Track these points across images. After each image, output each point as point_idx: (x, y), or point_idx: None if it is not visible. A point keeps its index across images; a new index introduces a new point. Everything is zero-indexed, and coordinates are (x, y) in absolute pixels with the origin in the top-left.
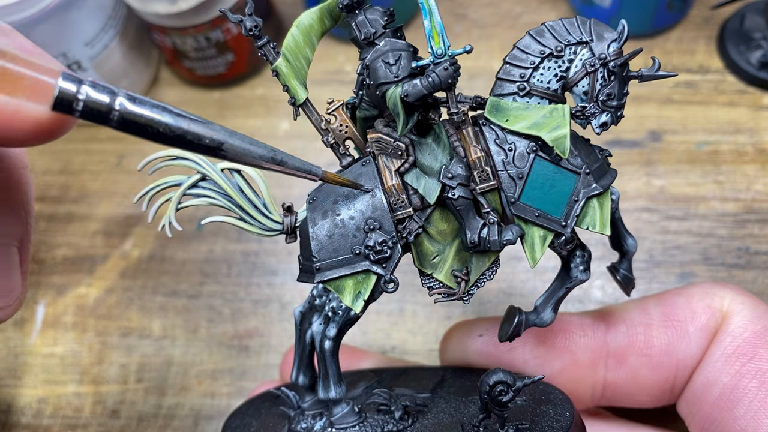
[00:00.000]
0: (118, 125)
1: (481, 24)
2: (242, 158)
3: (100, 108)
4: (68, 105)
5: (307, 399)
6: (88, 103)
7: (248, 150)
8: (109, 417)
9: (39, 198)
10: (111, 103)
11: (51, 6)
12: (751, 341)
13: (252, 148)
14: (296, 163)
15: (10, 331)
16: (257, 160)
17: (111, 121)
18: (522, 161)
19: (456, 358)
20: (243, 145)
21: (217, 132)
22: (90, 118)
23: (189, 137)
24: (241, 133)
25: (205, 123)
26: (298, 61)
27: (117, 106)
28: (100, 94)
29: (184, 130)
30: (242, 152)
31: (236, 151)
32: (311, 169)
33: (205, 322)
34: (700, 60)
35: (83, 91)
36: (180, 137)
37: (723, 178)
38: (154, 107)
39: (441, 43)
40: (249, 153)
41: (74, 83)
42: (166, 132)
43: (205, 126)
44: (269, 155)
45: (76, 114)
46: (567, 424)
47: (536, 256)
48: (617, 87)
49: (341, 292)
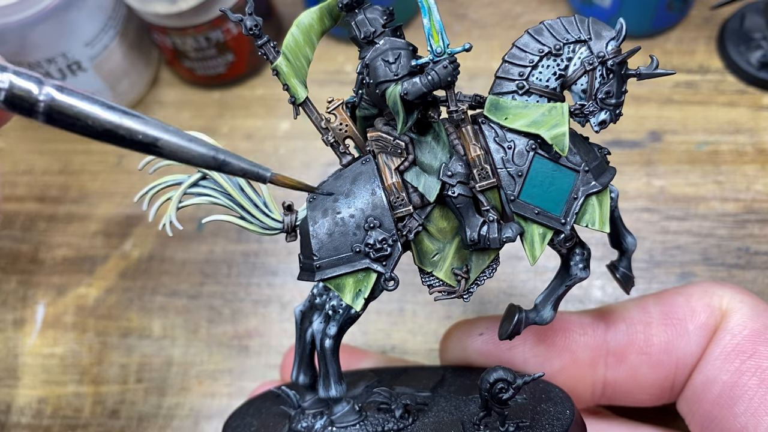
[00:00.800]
0: (45, 117)
1: (481, 24)
2: (179, 155)
3: (25, 97)
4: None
5: (308, 398)
6: (12, 92)
7: (186, 147)
8: (109, 417)
9: (39, 198)
10: (37, 92)
11: (51, 6)
12: (751, 339)
13: (191, 146)
14: (242, 164)
15: (10, 331)
16: (197, 159)
17: (37, 112)
18: (521, 159)
19: (456, 357)
20: (180, 143)
21: (153, 128)
22: (15, 109)
23: (121, 132)
24: (181, 131)
25: (140, 118)
26: (298, 61)
27: (43, 96)
28: (25, 82)
29: (116, 124)
30: (179, 149)
31: (172, 148)
32: (259, 172)
33: (205, 323)
34: (700, 60)
35: (5, 78)
36: (110, 132)
37: (723, 178)
38: (84, 99)
39: (440, 42)
40: (187, 150)
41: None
42: (96, 125)
43: (140, 121)
44: (210, 154)
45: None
46: (567, 422)
47: (536, 254)
48: (616, 85)
49: (341, 290)
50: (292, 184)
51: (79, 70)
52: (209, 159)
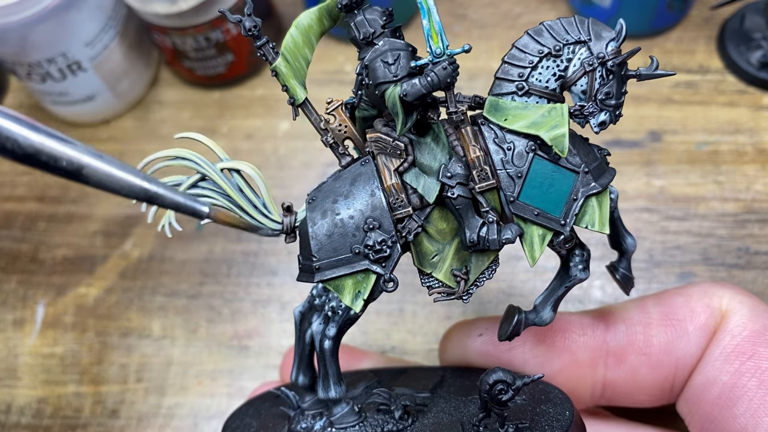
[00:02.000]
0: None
1: (481, 24)
2: (107, 185)
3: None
4: None
5: (307, 399)
6: None
7: (114, 177)
8: (109, 417)
9: (39, 198)
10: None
11: (51, 6)
12: (751, 340)
13: (120, 175)
14: (177, 198)
15: (10, 331)
16: (125, 190)
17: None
18: (521, 160)
19: (456, 357)
20: (109, 171)
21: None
22: None
23: (43, 157)
24: (113, 159)
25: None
26: (297, 61)
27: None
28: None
29: (36, 149)
30: (107, 179)
31: (99, 177)
32: (195, 207)
33: (204, 322)
34: (700, 60)
35: None
36: (31, 156)
37: (723, 178)
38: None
39: (440, 43)
40: (115, 180)
41: None
42: (15, 148)
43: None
44: (141, 186)
45: None
46: (567, 423)
47: (535, 255)
48: (616, 86)
49: (341, 291)
50: (235, 223)
51: (79, 70)
52: (139, 191)
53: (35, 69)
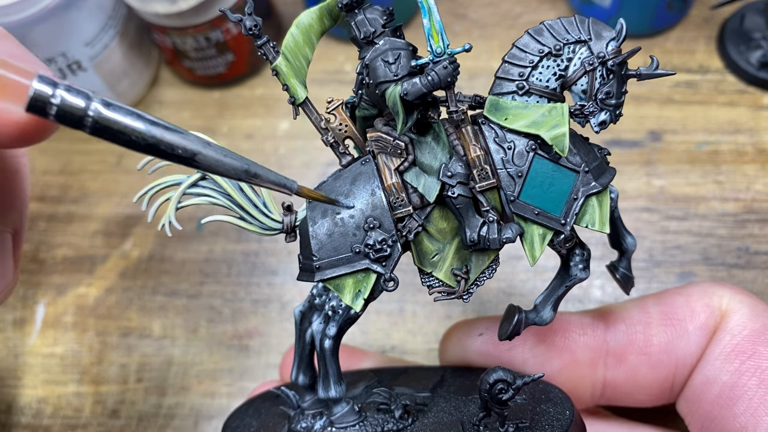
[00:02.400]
0: (92, 130)
1: (481, 24)
2: (216, 169)
3: (75, 112)
4: (42, 108)
5: (307, 398)
6: (63, 107)
7: (222, 161)
8: (109, 417)
9: (39, 198)
10: (86, 107)
11: (51, 6)
12: (750, 339)
13: (226, 160)
14: (271, 176)
15: (10, 331)
16: (231, 172)
17: (85, 125)
18: (521, 159)
19: (456, 357)
20: (217, 156)
21: (191, 142)
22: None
23: (162, 146)
24: (217, 145)
25: (180, 132)
26: (297, 61)
27: (91, 110)
28: (75, 97)
29: (158, 139)
30: (216, 163)
31: (209, 162)
32: (286, 183)
33: (205, 322)
34: (700, 60)
35: (58, 94)
36: (153, 146)
37: (723, 178)
38: (129, 114)
39: (440, 42)
40: (223, 164)
41: (49, 86)
42: (138, 140)
43: (180, 135)
44: (243, 167)
45: (50, 117)
46: (567, 422)
47: (536, 255)
48: (616, 86)
49: (341, 290)
50: (317, 197)
51: (79, 70)
52: (242, 172)
53: None
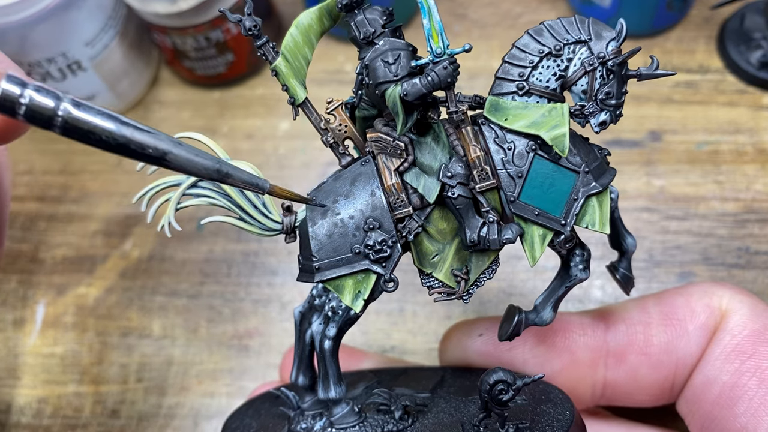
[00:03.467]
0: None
1: (481, 24)
2: (187, 168)
3: (44, 112)
4: (11, 108)
5: (307, 399)
6: (32, 107)
7: (193, 161)
8: (109, 417)
9: (39, 198)
10: (55, 107)
11: (51, 6)
12: (751, 339)
13: (197, 159)
14: (243, 176)
15: (10, 331)
16: (202, 171)
17: (55, 125)
18: (521, 160)
19: (456, 357)
20: (188, 156)
21: (162, 142)
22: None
23: (132, 146)
24: (188, 145)
25: (150, 132)
26: (297, 61)
27: (61, 110)
28: (44, 97)
29: (128, 138)
30: (186, 163)
31: (180, 162)
32: (258, 183)
33: (205, 322)
34: (700, 60)
35: (26, 94)
36: (123, 145)
37: (723, 178)
38: (99, 114)
39: (440, 42)
40: (193, 164)
41: (18, 86)
42: (109, 139)
43: (150, 135)
44: (214, 167)
45: (19, 117)
46: (567, 423)
47: (536, 255)
48: (616, 86)
49: (341, 291)
50: (289, 196)
51: (79, 70)
52: (213, 171)
53: (35, 68)
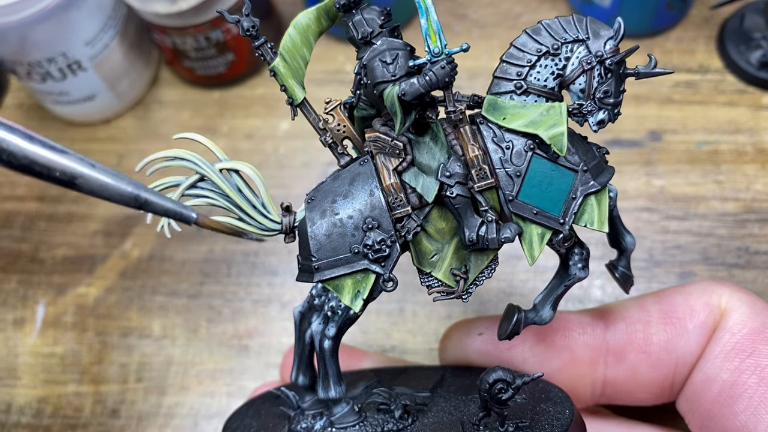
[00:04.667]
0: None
1: (481, 24)
2: (100, 193)
3: None
4: None
5: (307, 399)
6: None
7: (107, 185)
8: (109, 417)
9: (39, 198)
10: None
11: (51, 6)
12: (750, 337)
13: (112, 184)
14: (166, 204)
15: (10, 331)
16: (117, 198)
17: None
18: (519, 159)
19: (455, 357)
20: (101, 180)
21: (73, 163)
22: None
23: (37, 168)
24: (105, 167)
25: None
26: (295, 61)
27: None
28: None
29: (31, 159)
30: (99, 187)
31: (92, 187)
32: (183, 213)
33: (205, 322)
34: (700, 60)
35: None
36: (26, 166)
37: (723, 178)
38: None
39: (438, 42)
40: (108, 189)
41: None
42: (11, 159)
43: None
44: (132, 194)
45: None
46: (567, 422)
47: (535, 254)
48: (614, 84)
49: (340, 291)
50: (221, 228)
51: (79, 70)
52: (130, 199)
53: (35, 68)
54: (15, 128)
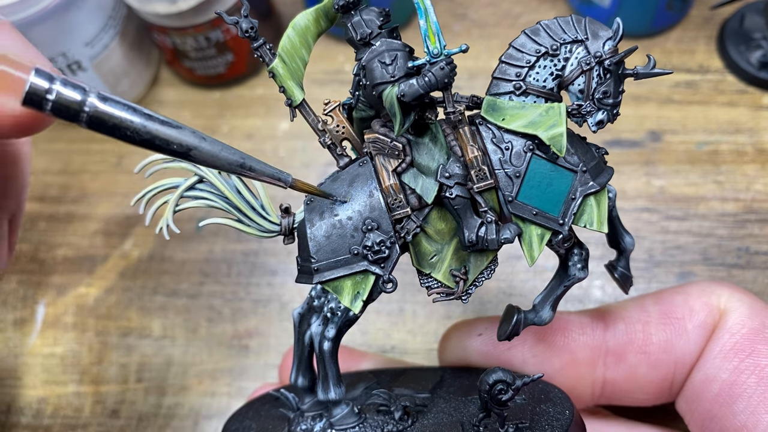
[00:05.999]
0: (87, 124)
1: (481, 24)
2: (212, 162)
3: (71, 105)
4: (38, 102)
5: (307, 400)
6: (59, 101)
7: (218, 155)
8: (109, 417)
9: (39, 198)
10: (82, 101)
11: (51, 6)
12: (749, 337)
13: (223, 154)
14: (266, 169)
15: (10, 331)
16: (227, 166)
17: (81, 120)
18: (519, 160)
19: (455, 357)
20: (213, 150)
21: (187, 136)
22: (60, 116)
23: (158, 141)
24: (213, 139)
25: (177, 126)
26: (294, 63)
27: (87, 105)
28: (71, 91)
29: (153, 134)
30: (211, 157)
31: (205, 156)
32: (281, 176)
33: (205, 322)
34: (700, 60)
35: (54, 88)
36: (148, 141)
37: (723, 178)
38: (126, 108)
39: (437, 43)
40: (218, 158)
41: (46, 80)
42: (134, 135)
43: (176, 130)
44: (239, 161)
45: (46, 111)
46: (567, 422)
47: (534, 255)
48: (613, 85)
49: (340, 292)
50: (311, 190)
51: (79, 70)
52: (237, 166)
53: None
54: (137, 108)
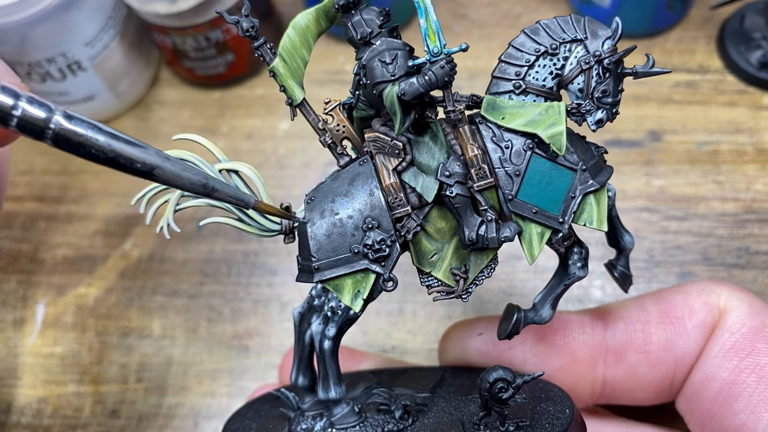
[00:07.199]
0: (53, 142)
1: (481, 24)
2: (174, 182)
3: (36, 123)
4: (3, 118)
5: (307, 400)
6: (24, 118)
7: (180, 175)
8: (109, 417)
9: (39, 198)
10: (47, 118)
11: (51, 6)
12: (749, 336)
13: (185, 174)
14: (229, 191)
15: (10, 331)
16: (189, 186)
17: (46, 137)
18: (519, 158)
19: (455, 357)
20: (175, 170)
21: (151, 156)
22: (26, 132)
23: (122, 160)
24: (177, 159)
25: (141, 146)
26: (294, 62)
27: (53, 122)
28: (36, 109)
29: (117, 153)
30: (174, 177)
31: (168, 176)
32: (243, 198)
33: (205, 322)
34: (700, 60)
35: (19, 105)
36: (113, 159)
37: (723, 178)
38: (91, 127)
39: (437, 42)
40: (181, 178)
41: (11, 97)
42: (98, 153)
43: (140, 149)
44: (202, 182)
45: (10, 127)
46: (567, 421)
47: (534, 253)
48: (612, 84)
49: (340, 291)
50: (275, 212)
51: (79, 70)
52: (199, 186)
53: (35, 69)
54: (102, 128)
